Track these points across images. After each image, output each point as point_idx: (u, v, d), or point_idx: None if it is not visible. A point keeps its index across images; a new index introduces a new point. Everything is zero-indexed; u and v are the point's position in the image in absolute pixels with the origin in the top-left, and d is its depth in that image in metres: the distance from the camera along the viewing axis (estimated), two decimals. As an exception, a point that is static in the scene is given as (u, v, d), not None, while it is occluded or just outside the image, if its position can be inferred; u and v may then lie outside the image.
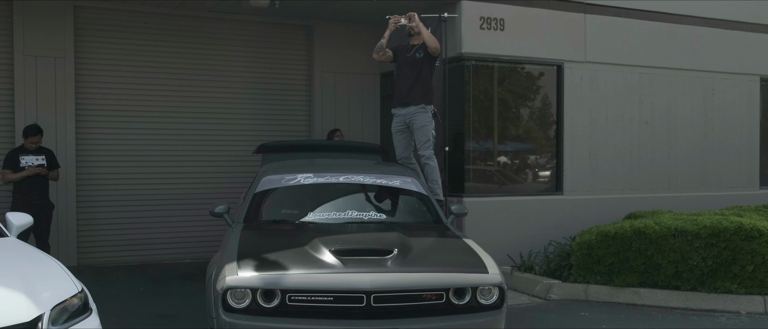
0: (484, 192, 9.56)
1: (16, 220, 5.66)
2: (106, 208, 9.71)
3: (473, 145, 9.46)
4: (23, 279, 4.51)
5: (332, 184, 6.61)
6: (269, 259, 5.12)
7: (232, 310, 4.87)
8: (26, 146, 8.19)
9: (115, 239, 9.71)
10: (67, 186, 9.31)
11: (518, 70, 9.87)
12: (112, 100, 9.72)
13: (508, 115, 9.84)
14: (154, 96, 9.96)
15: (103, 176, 9.70)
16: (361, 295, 4.82)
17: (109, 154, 9.74)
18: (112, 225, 9.72)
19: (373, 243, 5.49)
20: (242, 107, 10.53)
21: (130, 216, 9.77)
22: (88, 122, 9.60)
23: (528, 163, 10.18)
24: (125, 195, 9.78)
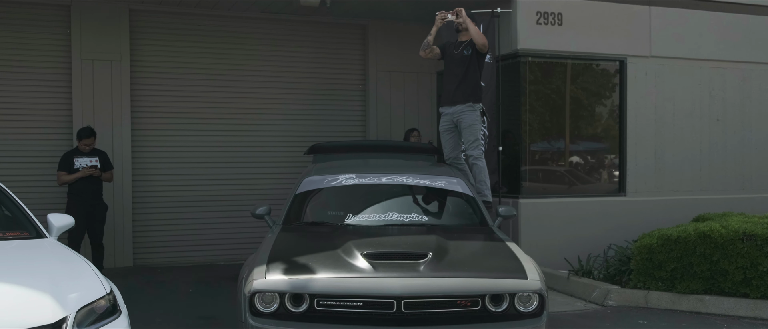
0: (541, 193, 9.21)
1: (56, 221, 5.68)
2: (161, 209, 9.80)
3: (529, 145, 9.13)
4: (51, 280, 4.49)
5: (374, 185, 6.43)
6: (299, 263, 4.98)
7: (259, 314, 4.75)
8: (80, 148, 8.32)
9: (169, 240, 9.79)
10: (123, 188, 9.44)
11: (578, 67, 9.48)
12: (167, 101, 9.82)
13: (567, 113, 9.46)
14: (208, 97, 10.01)
15: (158, 177, 9.81)
16: (391, 301, 4.63)
17: (164, 155, 9.84)
18: (167, 226, 9.81)
19: (407, 246, 5.28)
20: (296, 108, 10.47)
21: (185, 218, 9.84)
22: (144, 124, 9.71)
23: (588, 162, 9.77)
24: (180, 197, 9.86)
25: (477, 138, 7.28)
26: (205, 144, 10.01)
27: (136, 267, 9.48)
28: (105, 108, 9.34)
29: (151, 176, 9.76)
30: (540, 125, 9.29)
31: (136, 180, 9.62)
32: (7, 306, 4.16)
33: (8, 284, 4.41)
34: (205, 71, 9.97)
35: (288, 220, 6.23)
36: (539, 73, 9.21)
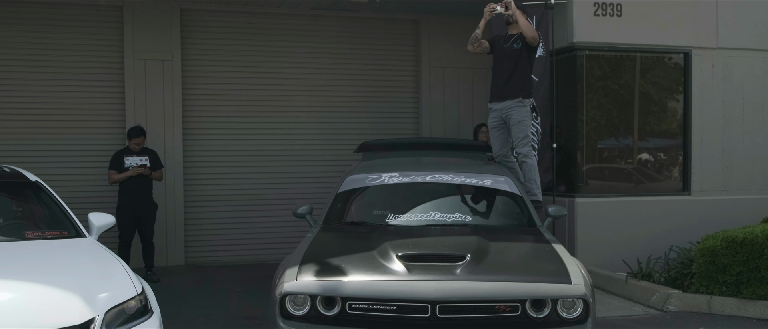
0: (599, 191, 8.83)
1: (97, 221, 5.67)
2: (212, 208, 9.81)
3: (586, 141, 8.76)
4: (82, 280, 4.45)
5: (417, 184, 6.23)
6: (332, 264, 4.82)
7: (290, 317, 4.62)
8: (130, 147, 8.37)
9: (220, 239, 9.79)
10: (175, 187, 9.48)
11: (638, 60, 9.05)
12: (218, 100, 9.82)
13: (627, 108, 9.04)
14: (259, 95, 9.97)
15: (209, 176, 9.82)
16: (426, 305, 4.43)
17: (215, 153, 9.85)
18: (218, 225, 9.81)
19: (445, 248, 5.06)
20: (347, 106, 10.34)
21: (236, 216, 9.82)
22: (195, 123, 9.74)
23: (650, 159, 9.33)
24: (231, 195, 9.85)
25: (527, 134, 7.00)
26: (256, 142, 9.98)
27: (187, 266, 9.51)
28: (157, 107, 9.40)
29: (202, 175, 9.78)
30: (597, 121, 8.90)
31: (187, 178, 9.65)
32: (36, 306, 4.14)
33: (39, 284, 4.39)
34: (255, 69, 9.93)
35: (328, 220, 6.09)
36: (597, 66, 8.83)
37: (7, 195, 5.75)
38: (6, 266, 4.64)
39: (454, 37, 10.28)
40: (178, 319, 6.88)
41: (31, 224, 5.52)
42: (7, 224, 5.40)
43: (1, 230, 5.30)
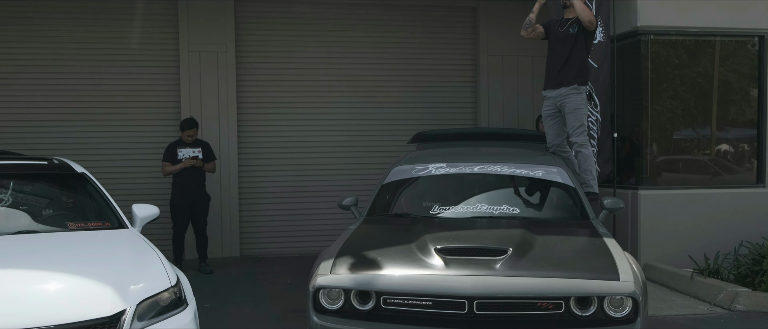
0: (664, 183, 8.40)
1: (140, 212, 5.68)
2: (267, 199, 9.80)
3: (651, 131, 8.33)
4: (116, 272, 4.42)
5: (465, 175, 6.01)
6: (368, 257, 4.67)
7: (323, 311, 4.49)
8: (183, 139, 8.41)
9: (276, 230, 9.77)
10: (230, 178, 9.50)
11: (708, 44, 8.54)
12: (272, 91, 9.79)
13: (694, 95, 8.57)
14: (313, 86, 9.89)
15: (264, 167, 9.80)
16: (462, 301, 4.22)
17: (270, 145, 9.82)
18: (273, 216, 9.79)
19: (487, 241, 4.83)
20: (403, 95, 10.16)
21: (291, 208, 9.78)
22: (249, 114, 9.73)
23: (719, 150, 8.81)
24: (286, 187, 9.81)
25: (582, 123, 6.67)
26: (311, 133, 9.90)
27: (242, 257, 9.51)
28: (211, 99, 9.42)
29: (256, 166, 9.78)
30: (663, 109, 8.46)
31: (242, 170, 9.66)
32: (67, 297, 4.13)
33: (72, 274, 4.38)
34: (309, 59, 9.86)
35: (372, 212, 5.94)
36: (663, 51, 8.39)
37: (54, 186, 5.81)
38: (43, 256, 4.66)
39: (514, 24, 9.87)
40: (226, 310, 6.87)
41: (75, 215, 5.55)
42: (52, 215, 5.45)
43: (45, 220, 5.36)
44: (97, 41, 9.29)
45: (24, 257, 4.62)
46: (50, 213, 5.47)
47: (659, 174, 8.46)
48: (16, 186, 5.56)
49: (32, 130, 9.14)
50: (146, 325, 4.24)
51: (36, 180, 5.78)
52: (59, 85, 9.25)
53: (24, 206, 5.46)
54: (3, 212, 5.34)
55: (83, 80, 9.27)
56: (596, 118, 7.92)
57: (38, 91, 9.19)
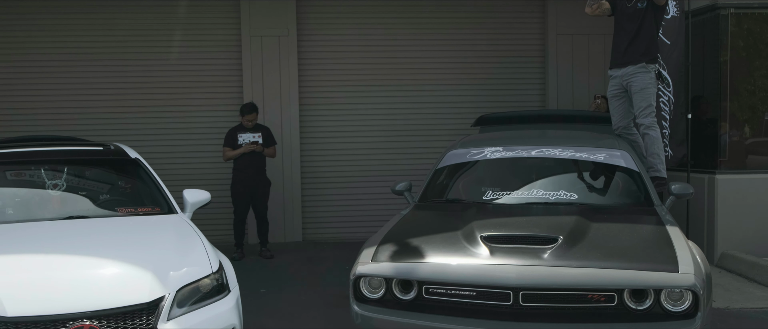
0: (744, 167, 7.88)
1: (191, 197, 5.65)
2: (330, 184, 9.73)
3: (730, 111, 7.82)
4: (158, 258, 4.40)
5: (522, 159, 5.74)
6: (411, 245, 4.49)
7: (364, 300, 4.35)
8: (244, 124, 8.40)
9: (338, 215, 9.69)
10: (292, 163, 9.47)
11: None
12: (334, 74, 9.69)
13: (779, 72, 8.00)
14: (375, 69, 9.73)
15: (326, 152, 9.74)
16: (507, 292, 4.00)
17: (332, 129, 9.74)
18: (335, 201, 9.72)
19: (537, 229, 4.57)
20: (468, 77, 9.89)
21: (353, 192, 9.68)
22: (311, 98, 9.66)
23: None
24: (348, 171, 9.71)
25: (650, 104, 6.27)
26: (373, 117, 9.76)
27: (305, 242, 9.48)
28: (273, 83, 9.40)
29: (319, 150, 9.71)
30: (743, 88, 7.92)
31: (304, 154, 9.61)
32: (105, 284, 4.12)
33: (114, 260, 4.38)
34: (372, 41, 9.70)
35: (424, 197, 5.76)
36: (744, 26, 7.85)
37: (108, 172, 5.86)
38: (88, 242, 4.69)
39: (584, 1, 9.54)
40: (281, 295, 6.84)
41: (126, 200, 5.58)
42: (103, 200, 5.49)
43: (96, 205, 5.39)
44: (159, 28, 9.38)
45: (68, 242, 4.65)
46: (102, 198, 5.51)
47: (739, 157, 7.94)
48: (70, 171, 5.62)
49: (98, 117, 9.32)
50: (186, 312, 4.20)
51: (90, 166, 5.85)
52: (124, 72, 9.39)
53: (77, 191, 5.53)
54: (56, 197, 5.41)
55: (147, 67, 9.39)
56: (668, 98, 7.49)
57: (105, 78, 9.36)
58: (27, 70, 9.28)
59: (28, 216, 5.15)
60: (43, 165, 5.59)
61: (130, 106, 9.39)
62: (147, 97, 9.40)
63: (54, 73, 9.29)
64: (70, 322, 3.84)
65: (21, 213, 5.19)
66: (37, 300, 3.92)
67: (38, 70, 9.27)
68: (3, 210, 5.20)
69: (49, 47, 9.28)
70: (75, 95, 9.32)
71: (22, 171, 5.59)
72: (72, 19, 9.30)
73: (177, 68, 9.43)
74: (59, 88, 9.30)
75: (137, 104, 9.40)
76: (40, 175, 5.53)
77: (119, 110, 9.36)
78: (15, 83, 9.26)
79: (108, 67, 9.36)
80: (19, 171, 5.59)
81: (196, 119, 9.48)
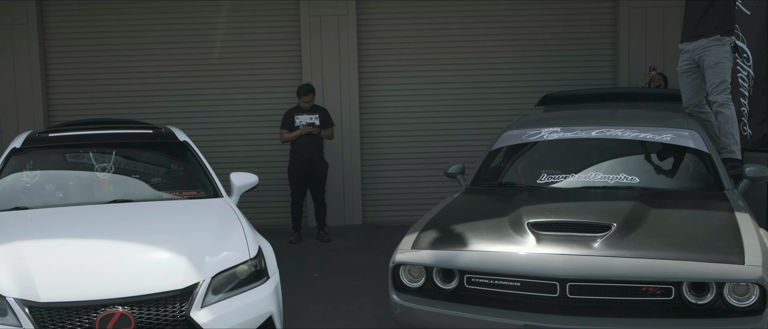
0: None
1: (238, 181, 5.57)
2: (390, 166, 9.54)
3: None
4: (195, 243, 4.32)
5: (581, 140, 5.40)
6: (454, 231, 4.26)
7: (404, 289, 4.15)
8: (300, 105, 8.28)
9: (399, 198, 9.50)
10: (352, 145, 9.32)
11: None
12: (394, 54, 9.45)
13: None
14: (436, 48, 9.45)
15: (386, 133, 9.54)
16: (553, 283, 3.73)
17: (392, 110, 9.52)
18: (396, 184, 9.53)
19: (590, 215, 4.25)
20: (532, 54, 9.49)
21: (414, 174, 9.46)
22: (371, 79, 9.47)
23: None
24: (409, 153, 9.50)
25: (724, 79, 5.80)
26: (435, 97, 9.49)
27: (365, 226, 9.34)
28: (333, 64, 9.24)
29: (379, 132, 9.52)
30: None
31: (364, 136, 9.44)
32: (139, 270, 4.06)
33: (150, 246, 4.33)
34: (432, 20, 9.40)
35: (476, 180, 5.51)
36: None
37: (156, 155, 5.84)
38: (127, 226, 4.65)
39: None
40: (333, 280, 6.72)
41: (171, 183, 5.54)
42: (149, 183, 5.46)
43: (141, 189, 5.37)
44: (218, 10, 9.34)
45: (108, 227, 4.62)
46: (148, 181, 5.48)
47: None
48: (119, 155, 5.62)
49: (159, 99, 9.38)
50: (222, 299, 4.11)
51: (139, 149, 5.84)
52: (184, 54, 9.39)
53: (124, 175, 5.52)
54: (104, 181, 5.42)
55: (206, 49, 9.37)
56: (747, 73, 6.97)
57: (164, 62, 9.39)
58: (94, 54, 9.40)
59: (76, 200, 5.17)
60: (93, 149, 5.60)
61: (189, 88, 9.40)
62: (205, 80, 9.39)
63: (120, 58, 9.38)
64: (102, 309, 3.79)
65: (70, 197, 5.21)
66: (71, 286, 3.89)
67: (103, 55, 9.39)
68: (54, 193, 5.24)
69: (115, 32, 9.36)
70: (137, 78, 9.40)
71: (73, 155, 5.62)
72: (134, 4, 9.35)
73: (236, 50, 9.38)
74: (123, 71, 9.39)
75: (196, 87, 9.40)
76: (90, 159, 5.54)
77: (179, 93, 9.39)
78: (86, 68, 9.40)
79: (169, 49, 9.39)
80: (71, 155, 5.63)
81: (255, 101, 9.42)
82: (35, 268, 3.97)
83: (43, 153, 5.58)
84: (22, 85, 9.21)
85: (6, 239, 4.32)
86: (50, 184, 5.31)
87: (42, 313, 3.75)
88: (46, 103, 9.34)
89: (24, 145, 5.57)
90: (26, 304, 3.76)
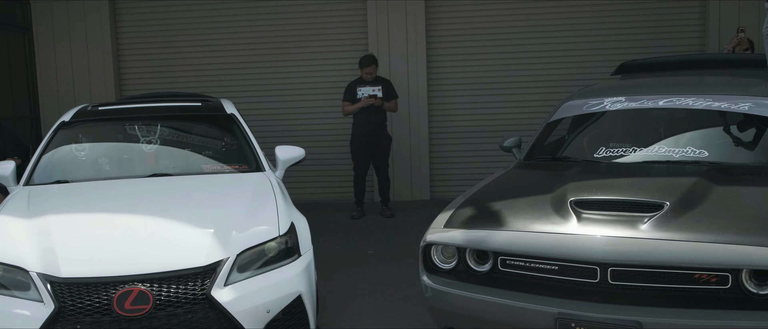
0: None
1: (282, 154, 5.41)
2: (459, 139, 9.19)
3: None
4: (224, 219, 4.19)
5: (647, 111, 4.93)
6: (492, 210, 3.94)
7: (435, 271, 3.87)
8: (363, 77, 8.05)
9: (467, 173, 9.13)
10: (420, 117, 9.03)
11: None
12: (463, 22, 9.05)
13: None
14: (507, 15, 9.00)
15: (455, 105, 9.19)
16: (593, 267, 3.37)
17: (461, 81, 9.15)
18: (465, 157, 9.18)
19: (641, 193, 3.82)
20: (610, 20, 8.91)
21: (484, 148, 9.05)
22: (439, 49, 9.11)
23: None
24: (478, 125, 9.11)
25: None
26: (507, 67, 9.06)
27: (433, 201, 9.04)
28: (399, 33, 8.95)
29: (447, 104, 9.18)
30: None
31: (432, 108, 9.12)
32: (163, 246, 3.96)
33: (178, 221, 4.23)
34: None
35: (530, 154, 5.13)
36: None
37: (201, 127, 5.75)
38: (159, 201, 4.58)
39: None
40: (386, 256, 6.54)
41: (214, 157, 5.42)
42: (191, 157, 5.38)
43: (183, 162, 5.30)
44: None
45: (139, 201, 4.55)
46: (190, 155, 5.40)
47: None
48: (164, 128, 5.56)
49: (224, 72, 9.34)
50: (248, 277, 3.95)
51: (185, 122, 5.76)
52: (250, 27, 9.30)
53: (167, 148, 5.45)
54: (148, 154, 5.37)
55: (272, 20, 9.24)
56: None
57: (231, 34, 9.33)
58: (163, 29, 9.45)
59: (117, 173, 5.15)
60: (139, 122, 5.56)
61: (253, 61, 9.31)
62: (273, 52, 9.28)
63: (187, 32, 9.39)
64: (121, 285, 3.70)
65: (111, 170, 5.21)
66: (92, 262, 3.83)
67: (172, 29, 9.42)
68: (96, 167, 5.24)
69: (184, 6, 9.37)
70: (204, 52, 9.38)
71: (118, 129, 5.60)
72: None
73: (302, 21, 9.20)
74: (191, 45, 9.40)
75: (260, 59, 9.30)
76: (135, 132, 5.50)
77: (242, 65, 9.32)
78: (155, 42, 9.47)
79: (235, 22, 9.31)
80: (116, 129, 5.61)
81: (319, 72, 9.25)
82: (59, 243, 3.93)
83: (90, 126, 5.58)
84: (94, 60, 9.35)
85: (39, 212, 4.31)
86: (93, 158, 5.31)
87: (62, 289, 3.70)
88: (117, 78, 9.47)
89: (72, 119, 5.58)
90: (48, 279, 3.71)
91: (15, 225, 4.19)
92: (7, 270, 3.82)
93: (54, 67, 9.38)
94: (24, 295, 3.75)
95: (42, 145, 5.29)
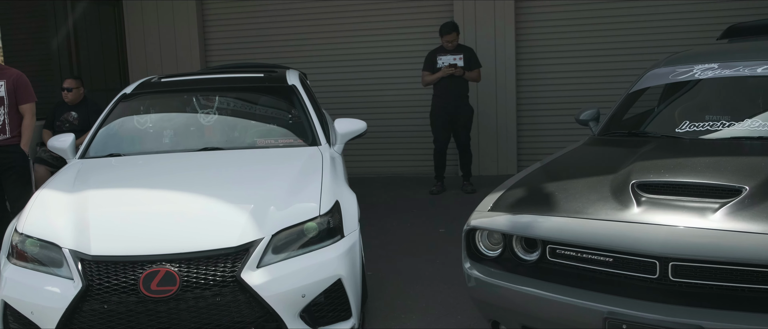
0: None
1: (341, 128, 5.12)
2: (549, 111, 8.65)
3: None
4: (263, 197, 3.98)
5: (742, 79, 4.34)
6: (544, 192, 3.54)
7: (478, 259, 3.51)
8: (443, 45, 7.65)
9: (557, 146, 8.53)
10: (507, 88, 8.55)
11: None
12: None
13: None
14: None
15: (545, 76, 8.64)
16: (652, 261, 2.92)
17: (551, 50, 8.58)
18: (555, 130, 8.63)
19: (718, 175, 3.29)
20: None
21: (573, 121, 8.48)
22: (528, 17, 8.57)
23: None
24: (569, 96, 8.52)
25: None
26: (599, 35, 8.41)
27: (520, 175, 8.60)
28: (487, 2, 8.46)
29: (537, 74, 8.63)
30: None
31: (520, 79, 8.61)
32: (196, 225, 3.78)
33: (216, 199, 4.04)
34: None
35: (606, 129, 4.64)
36: None
37: (261, 98, 5.57)
38: (201, 176, 4.42)
39: None
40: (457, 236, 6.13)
41: (270, 130, 5.21)
42: (246, 130, 5.21)
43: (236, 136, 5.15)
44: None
45: (182, 177, 4.41)
46: (246, 128, 5.23)
47: None
48: (223, 99, 5.41)
49: (304, 43, 9.17)
50: (284, 258, 3.73)
51: (245, 93, 5.59)
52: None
53: (224, 121, 5.30)
54: (200, 127, 5.23)
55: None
56: None
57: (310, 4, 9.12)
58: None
59: (169, 147, 5.05)
60: (198, 94, 5.43)
61: (334, 30, 9.08)
62: (350, 21, 9.02)
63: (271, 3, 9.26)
64: (149, 265, 3.56)
65: (164, 144, 5.10)
66: (123, 239, 3.70)
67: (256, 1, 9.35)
68: (149, 140, 5.16)
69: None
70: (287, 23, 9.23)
71: (178, 100, 5.50)
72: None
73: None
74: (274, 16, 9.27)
75: (340, 28, 9.06)
76: (193, 104, 5.38)
77: (322, 35, 9.11)
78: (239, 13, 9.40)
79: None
80: (176, 100, 5.51)
81: (400, 41, 8.90)
82: (93, 219, 3.84)
83: (149, 99, 5.49)
84: (181, 32, 9.38)
85: (82, 187, 4.24)
86: (149, 131, 5.23)
87: (90, 267, 3.60)
88: (202, 47, 9.46)
89: (134, 91, 5.52)
90: (79, 257, 3.62)
91: (56, 200, 4.13)
92: (43, 247, 3.77)
93: (142, 38, 9.49)
94: (58, 272, 3.68)
95: (101, 118, 5.25)
